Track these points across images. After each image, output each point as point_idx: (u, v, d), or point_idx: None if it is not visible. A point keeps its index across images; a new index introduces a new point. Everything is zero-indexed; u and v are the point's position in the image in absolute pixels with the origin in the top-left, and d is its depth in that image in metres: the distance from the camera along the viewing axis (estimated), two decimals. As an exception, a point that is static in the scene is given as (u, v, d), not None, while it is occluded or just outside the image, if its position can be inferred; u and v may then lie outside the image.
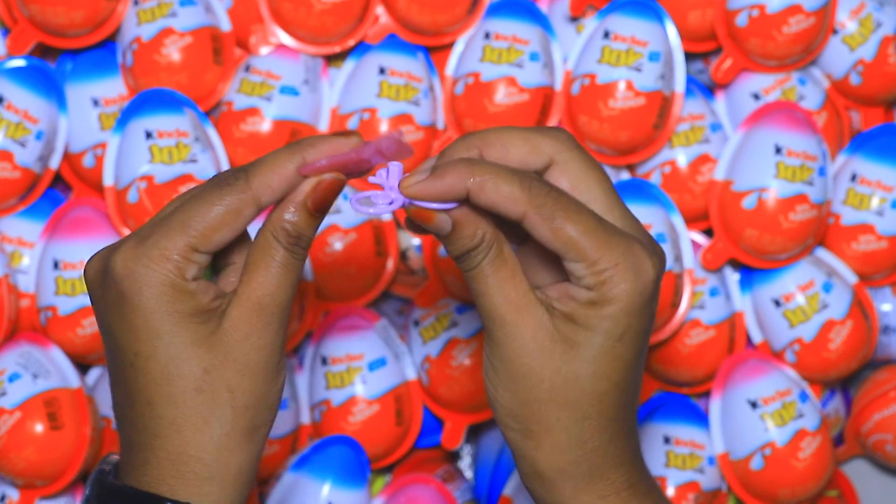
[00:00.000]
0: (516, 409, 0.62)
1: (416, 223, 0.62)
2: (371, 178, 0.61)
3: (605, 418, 0.61)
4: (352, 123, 0.96)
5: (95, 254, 0.63)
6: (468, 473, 1.04)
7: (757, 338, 0.99)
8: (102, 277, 0.62)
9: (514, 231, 0.63)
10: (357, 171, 0.62)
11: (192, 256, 0.60)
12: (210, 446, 0.61)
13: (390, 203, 0.61)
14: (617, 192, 0.62)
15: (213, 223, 0.60)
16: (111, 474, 0.63)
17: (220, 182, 0.61)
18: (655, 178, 0.98)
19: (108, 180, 0.94)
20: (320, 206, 0.61)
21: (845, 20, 1.00)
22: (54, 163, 0.97)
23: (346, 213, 0.97)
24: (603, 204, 0.62)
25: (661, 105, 0.96)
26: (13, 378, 0.92)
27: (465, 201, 0.60)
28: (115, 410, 0.63)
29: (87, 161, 0.97)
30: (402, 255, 1.02)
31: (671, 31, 0.96)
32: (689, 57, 1.02)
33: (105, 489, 0.62)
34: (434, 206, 0.60)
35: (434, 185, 0.60)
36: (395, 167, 0.60)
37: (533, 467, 0.62)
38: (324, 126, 0.98)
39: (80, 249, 0.94)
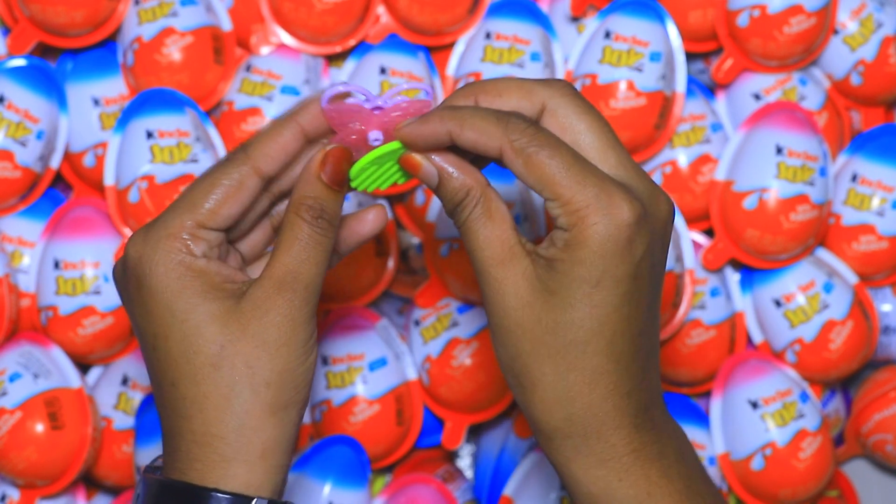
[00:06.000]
0: (508, 363, 0.62)
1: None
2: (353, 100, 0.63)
3: (592, 371, 0.60)
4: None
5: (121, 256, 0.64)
6: (468, 473, 1.04)
7: (757, 338, 0.99)
8: (123, 270, 0.63)
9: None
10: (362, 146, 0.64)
11: (200, 233, 0.61)
12: (232, 424, 0.60)
13: (374, 108, 0.62)
14: (615, 139, 0.61)
15: (217, 198, 0.61)
16: (158, 472, 0.63)
17: (222, 160, 0.62)
18: (656, 178, 0.98)
19: (108, 180, 0.94)
20: (333, 176, 0.62)
21: (846, 20, 1.00)
22: (55, 162, 0.97)
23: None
24: (595, 149, 0.61)
25: (662, 105, 0.96)
26: (14, 378, 0.92)
27: (457, 151, 0.61)
28: (156, 403, 0.64)
29: (88, 161, 0.97)
30: (403, 255, 1.02)
31: (672, 31, 0.96)
32: (690, 57, 1.02)
33: (146, 485, 0.62)
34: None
35: (419, 129, 0.61)
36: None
37: (534, 426, 0.62)
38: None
39: (81, 249, 0.94)
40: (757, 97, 1.00)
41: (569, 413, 0.60)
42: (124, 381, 0.97)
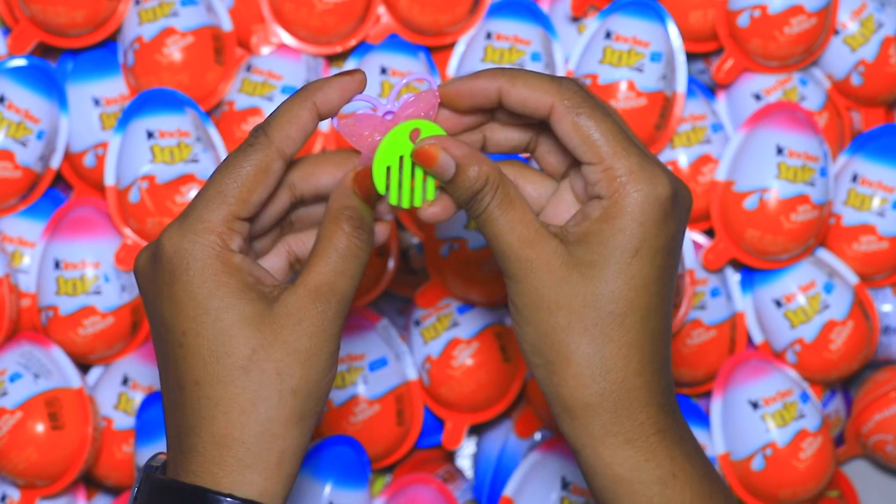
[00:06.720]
0: (538, 342, 0.62)
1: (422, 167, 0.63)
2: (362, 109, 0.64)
3: (628, 344, 0.60)
4: (353, 123, 0.96)
5: (145, 246, 0.64)
6: (468, 473, 1.04)
7: (758, 338, 0.99)
8: (153, 263, 0.63)
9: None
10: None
11: (234, 226, 0.61)
12: (255, 429, 0.60)
13: (386, 114, 0.63)
14: (631, 133, 0.62)
15: (246, 186, 0.61)
16: (159, 471, 0.63)
17: (243, 145, 0.62)
18: (657, 179, 0.98)
19: (109, 180, 0.94)
20: (363, 189, 0.63)
21: (846, 21, 1.00)
22: (55, 162, 0.97)
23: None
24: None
25: (662, 105, 0.96)
26: (14, 378, 0.92)
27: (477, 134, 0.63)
28: (165, 400, 0.63)
29: (89, 161, 0.97)
30: (403, 255, 1.02)
31: (673, 31, 0.96)
32: (691, 57, 1.02)
33: (151, 485, 0.61)
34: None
35: (466, 84, 0.62)
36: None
37: (561, 405, 0.62)
38: (325, 126, 0.98)
39: (81, 249, 0.94)
40: (757, 97, 1.00)
41: (602, 387, 0.61)
42: (124, 381, 0.97)
